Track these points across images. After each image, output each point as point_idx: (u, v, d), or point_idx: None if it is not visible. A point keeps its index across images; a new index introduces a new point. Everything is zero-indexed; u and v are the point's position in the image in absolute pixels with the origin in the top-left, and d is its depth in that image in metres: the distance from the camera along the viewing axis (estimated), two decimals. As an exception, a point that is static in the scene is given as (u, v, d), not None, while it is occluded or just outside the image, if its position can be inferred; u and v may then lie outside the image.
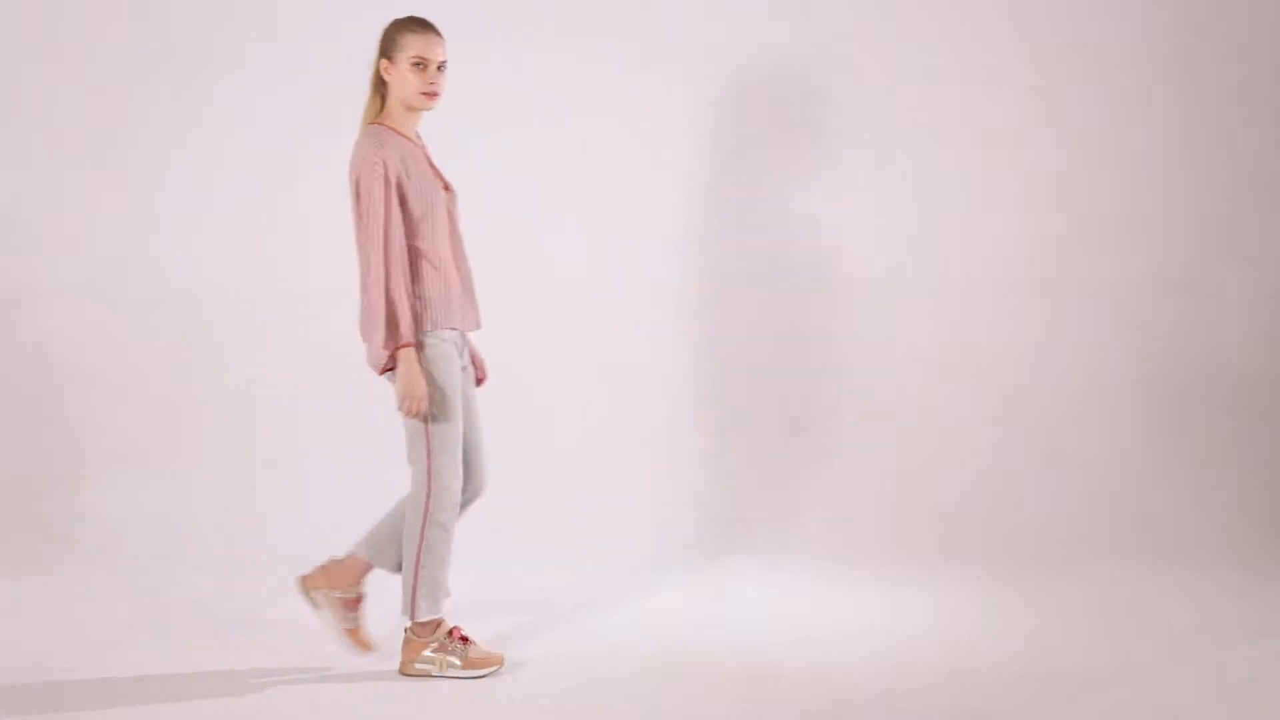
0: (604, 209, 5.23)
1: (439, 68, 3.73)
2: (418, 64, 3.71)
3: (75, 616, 4.32)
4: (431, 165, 3.82)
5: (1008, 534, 5.13)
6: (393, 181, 3.66)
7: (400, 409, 3.71)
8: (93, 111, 5.05)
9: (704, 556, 4.19)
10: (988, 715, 3.53)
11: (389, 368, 3.70)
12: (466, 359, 3.88)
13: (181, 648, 4.02)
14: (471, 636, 3.84)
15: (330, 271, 5.19)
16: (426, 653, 3.78)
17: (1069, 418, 5.40)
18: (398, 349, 3.66)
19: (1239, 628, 4.25)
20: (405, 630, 3.83)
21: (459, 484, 3.80)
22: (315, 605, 3.91)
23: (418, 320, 3.71)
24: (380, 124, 3.76)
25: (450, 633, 3.82)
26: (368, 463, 5.15)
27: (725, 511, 5.09)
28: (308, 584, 3.92)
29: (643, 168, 5.21)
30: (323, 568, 3.93)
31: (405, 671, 3.79)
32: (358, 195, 3.68)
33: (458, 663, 3.77)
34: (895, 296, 5.40)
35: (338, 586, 3.90)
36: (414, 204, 3.70)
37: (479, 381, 3.96)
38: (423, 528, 3.77)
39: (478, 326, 3.90)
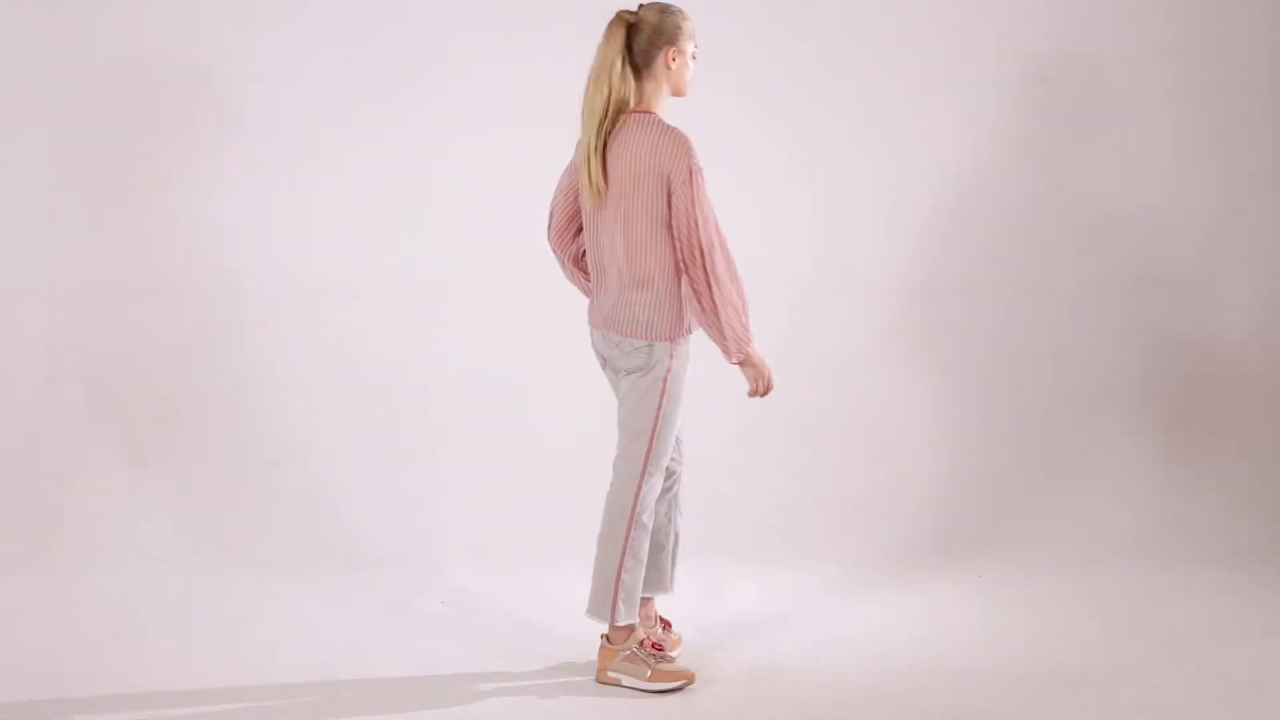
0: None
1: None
2: (695, 57, 3.78)
3: (75, 616, 4.32)
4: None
5: (1007, 534, 5.13)
6: None
7: None
8: (92, 111, 5.05)
9: (704, 556, 4.20)
10: (988, 715, 3.53)
11: None
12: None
13: (181, 648, 4.03)
14: (667, 647, 3.84)
15: (331, 270, 5.20)
16: (620, 660, 3.76)
17: (1069, 418, 5.40)
18: None
19: (1239, 628, 4.26)
20: (602, 636, 3.81)
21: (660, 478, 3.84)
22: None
23: None
24: (654, 113, 3.73)
25: (642, 642, 3.79)
26: (367, 462, 5.16)
27: (725, 511, 5.09)
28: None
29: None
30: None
31: (601, 680, 3.77)
32: (698, 184, 3.64)
33: (647, 673, 3.74)
34: (893, 295, 5.40)
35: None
36: None
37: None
38: (628, 528, 3.76)
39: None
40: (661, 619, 4.02)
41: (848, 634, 4.18)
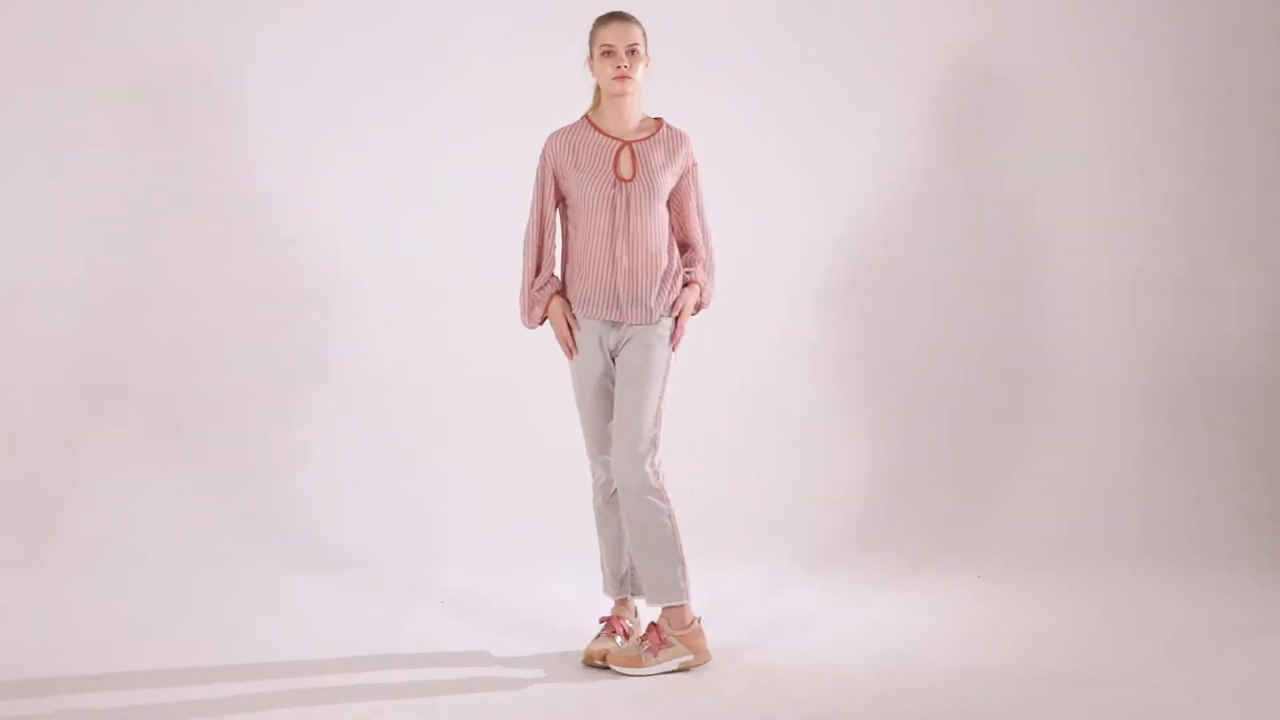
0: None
1: (629, 51, 3.86)
2: (606, 52, 3.87)
3: (75, 616, 4.32)
4: (632, 158, 3.89)
5: (1007, 534, 5.13)
6: (548, 169, 3.93)
7: None
8: (92, 113, 5.05)
9: (704, 557, 4.19)
10: (988, 715, 3.53)
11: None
12: (617, 345, 3.94)
13: (181, 648, 4.02)
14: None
15: (331, 271, 5.20)
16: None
17: (1068, 418, 5.40)
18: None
19: (1239, 628, 4.25)
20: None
21: (598, 470, 4.03)
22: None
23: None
24: (585, 117, 3.95)
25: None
26: (367, 463, 5.16)
27: (725, 511, 5.09)
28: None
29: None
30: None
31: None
32: None
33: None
34: (896, 296, 5.40)
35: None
36: (571, 195, 3.92)
37: None
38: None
39: (614, 318, 3.93)
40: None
41: (848, 634, 4.18)
